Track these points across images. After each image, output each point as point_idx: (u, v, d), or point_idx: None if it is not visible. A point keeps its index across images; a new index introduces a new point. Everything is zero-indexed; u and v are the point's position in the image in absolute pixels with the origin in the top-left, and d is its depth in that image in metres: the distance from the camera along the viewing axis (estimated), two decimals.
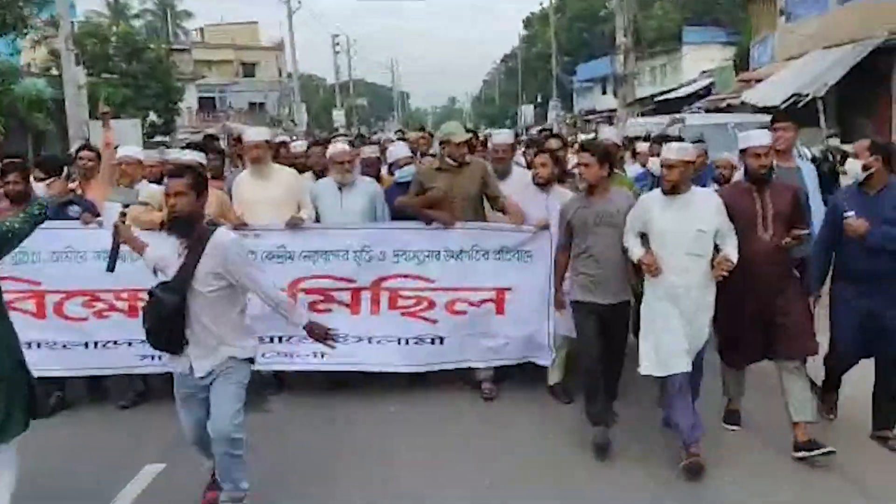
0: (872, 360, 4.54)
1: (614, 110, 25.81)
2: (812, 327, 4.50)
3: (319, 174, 6.16)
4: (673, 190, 4.31)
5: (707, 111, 19.00)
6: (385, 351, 5.53)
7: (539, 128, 22.09)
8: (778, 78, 17.18)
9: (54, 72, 22.62)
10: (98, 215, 5.38)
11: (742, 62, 25.06)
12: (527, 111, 50.72)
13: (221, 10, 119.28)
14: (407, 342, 5.54)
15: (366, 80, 79.31)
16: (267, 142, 5.78)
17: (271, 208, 5.48)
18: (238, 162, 7.27)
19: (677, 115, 14.64)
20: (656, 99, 27.96)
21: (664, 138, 4.66)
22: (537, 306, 5.43)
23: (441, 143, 5.58)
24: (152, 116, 25.75)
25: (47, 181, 5.09)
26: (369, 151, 6.62)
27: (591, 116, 40.49)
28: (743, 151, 4.50)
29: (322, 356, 5.39)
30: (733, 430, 4.76)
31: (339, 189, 5.70)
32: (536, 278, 5.40)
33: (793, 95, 13.77)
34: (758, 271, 4.32)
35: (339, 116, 47.31)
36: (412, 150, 7.14)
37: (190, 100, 36.76)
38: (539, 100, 52.60)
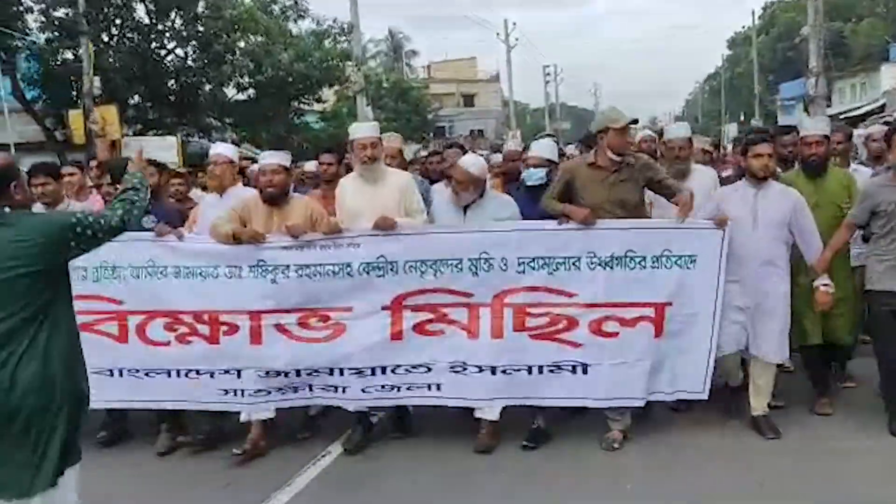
0: None
1: None
2: None
3: (434, 182, 5.59)
4: None
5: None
6: (513, 382, 4.63)
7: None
8: None
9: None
10: (176, 226, 4.91)
11: None
12: (730, 129, 52.52)
13: (443, 46, 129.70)
14: (540, 370, 4.60)
15: (567, 104, 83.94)
16: (380, 139, 4.91)
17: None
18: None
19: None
20: (841, 116, 30.50)
21: None
22: (700, 326, 4.57)
23: (598, 133, 4.64)
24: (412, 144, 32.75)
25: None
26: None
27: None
28: None
29: (439, 388, 4.68)
30: None
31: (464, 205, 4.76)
32: (699, 289, 4.53)
33: None
34: None
35: None
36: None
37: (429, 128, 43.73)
38: (742, 118, 54.32)
